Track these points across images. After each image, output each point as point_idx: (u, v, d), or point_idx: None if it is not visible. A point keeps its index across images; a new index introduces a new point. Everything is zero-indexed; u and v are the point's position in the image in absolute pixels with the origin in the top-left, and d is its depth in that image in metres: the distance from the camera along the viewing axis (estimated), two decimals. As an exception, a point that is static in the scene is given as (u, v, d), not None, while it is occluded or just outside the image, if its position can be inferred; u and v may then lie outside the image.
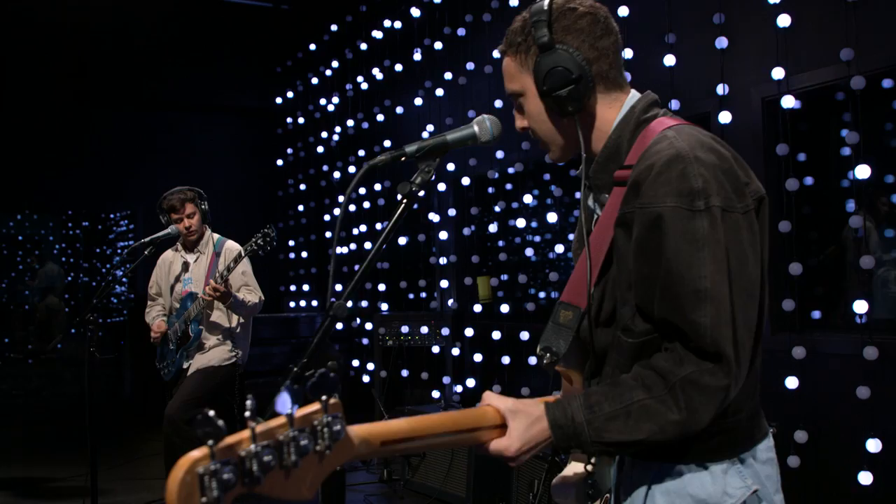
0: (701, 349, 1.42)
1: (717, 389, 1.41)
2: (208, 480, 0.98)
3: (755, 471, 1.55)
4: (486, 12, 6.29)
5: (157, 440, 8.05)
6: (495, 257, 6.57)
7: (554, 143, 1.68)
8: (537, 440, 1.46)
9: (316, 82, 9.49)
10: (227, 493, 1.00)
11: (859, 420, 3.73)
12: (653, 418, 1.42)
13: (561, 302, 1.66)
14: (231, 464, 1.00)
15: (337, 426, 1.13)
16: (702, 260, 1.42)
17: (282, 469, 1.07)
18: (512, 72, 1.67)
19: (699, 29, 4.70)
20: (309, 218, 9.99)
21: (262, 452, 1.03)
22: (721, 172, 1.46)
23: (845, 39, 3.92)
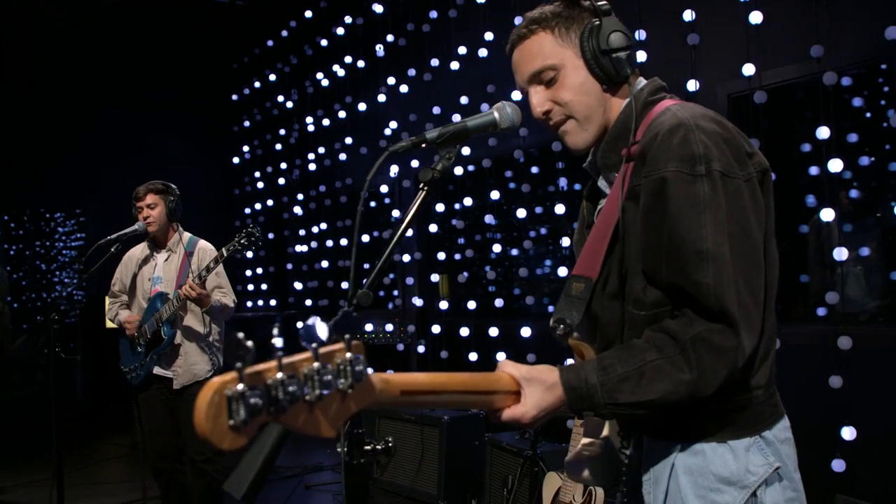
0: (707, 310, 1.44)
1: (726, 350, 1.43)
2: (236, 403, 0.99)
3: (776, 448, 1.56)
4: (451, 8, 6.28)
5: (113, 444, 7.91)
6: (462, 254, 6.57)
7: (588, 119, 1.66)
8: (551, 404, 1.47)
9: (274, 79, 9.38)
10: (254, 417, 1.00)
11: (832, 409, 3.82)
12: (665, 378, 1.43)
13: (573, 275, 1.67)
14: (258, 389, 1.01)
15: (359, 366, 1.13)
16: (702, 222, 1.45)
17: (305, 402, 1.07)
18: (545, 47, 1.65)
19: (669, 25, 4.75)
20: (267, 216, 9.87)
21: (287, 382, 1.03)
22: (722, 140, 1.50)
23: (815, 37, 4.00)
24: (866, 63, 4.15)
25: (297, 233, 9.22)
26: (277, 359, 1.04)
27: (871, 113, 4.66)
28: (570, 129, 1.68)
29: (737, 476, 1.52)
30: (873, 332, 4.24)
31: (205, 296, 4.26)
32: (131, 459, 7.08)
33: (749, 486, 1.52)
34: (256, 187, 9.97)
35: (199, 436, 1.02)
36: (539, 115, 1.68)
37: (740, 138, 1.55)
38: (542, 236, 6.70)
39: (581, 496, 3.59)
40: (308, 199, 8.92)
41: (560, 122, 1.68)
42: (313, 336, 1.08)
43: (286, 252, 9.67)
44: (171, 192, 4.59)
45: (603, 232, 1.61)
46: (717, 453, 1.54)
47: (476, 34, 6.01)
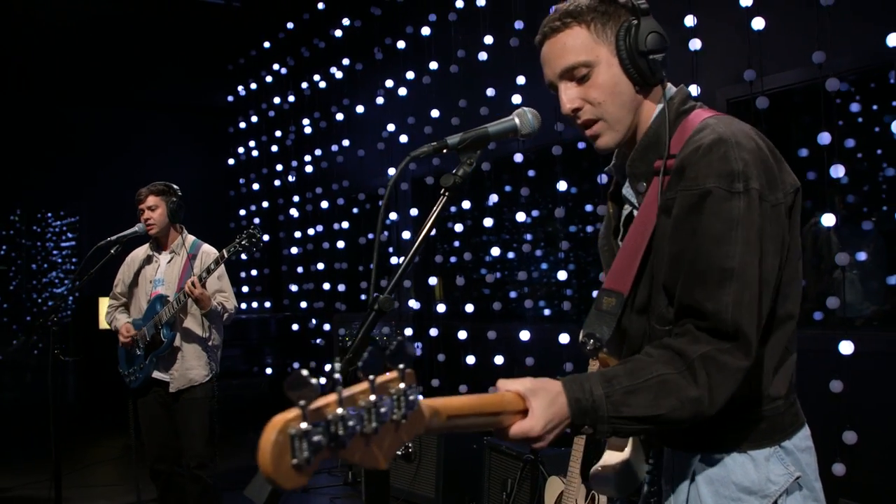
0: (716, 329, 1.43)
1: (735, 370, 1.42)
2: (299, 442, 0.97)
3: (796, 458, 1.56)
4: (451, 11, 6.28)
5: (106, 446, 7.87)
6: (459, 257, 6.57)
7: (619, 121, 1.63)
8: (560, 417, 1.41)
9: (270, 80, 9.36)
10: (317, 454, 0.99)
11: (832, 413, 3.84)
12: (672, 393, 1.41)
13: (604, 289, 1.65)
14: (321, 426, 0.99)
15: (412, 395, 1.12)
16: (733, 239, 1.44)
17: (363, 436, 1.06)
18: (580, 42, 1.60)
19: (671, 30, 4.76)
20: (262, 218, 9.85)
21: (347, 417, 1.02)
22: (760, 161, 1.50)
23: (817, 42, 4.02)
24: (867, 69, 4.18)
25: (292, 235, 9.21)
26: (338, 393, 1.02)
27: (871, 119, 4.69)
28: (600, 130, 1.64)
29: (758, 485, 1.53)
30: (873, 337, 4.26)
31: (206, 297, 4.24)
32: (125, 462, 7.05)
33: (770, 495, 1.52)
34: (252, 189, 9.94)
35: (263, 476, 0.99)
36: (568, 111, 1.64)
37: (773, 160, 1.54)
38: (540, 239, 6.70)
39: (584, 501, 3.59)
40: (304, 201, 8.91)
41: (589, 121, 1.64)
42: (371, 367, 1.07)
43: (281, 254, 9.65)
44: (172, 193, 4.56)
45: (635, 246, 1.60)
46: (738, 463, 1.54)
47: (475, 37, 6.01)
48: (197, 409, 4.39)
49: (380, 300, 1.52)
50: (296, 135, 8.91)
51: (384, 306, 1.52)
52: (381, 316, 1.53)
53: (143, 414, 4.54)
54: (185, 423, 4.41)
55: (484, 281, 6.18)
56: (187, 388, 4.41)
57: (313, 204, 8.66)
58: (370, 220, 8.30)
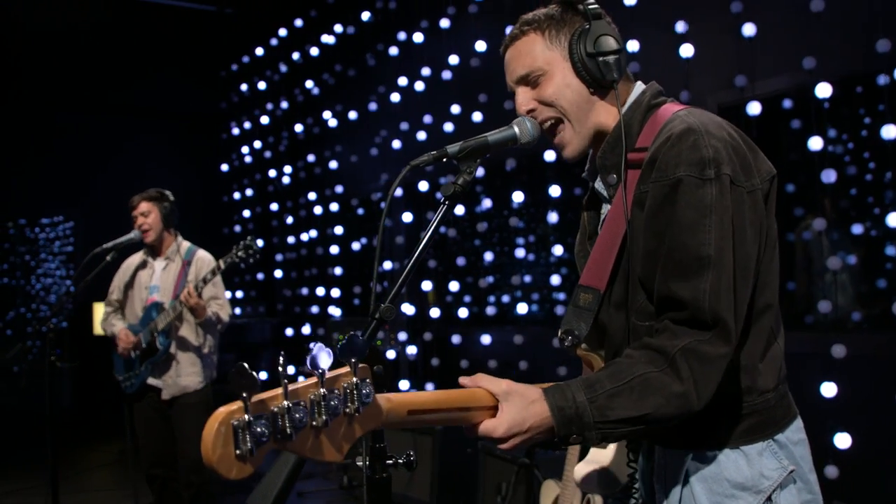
0: (695, 319, 1.42)
1: (717, 358, 1.41)
2: (242, 433, 1.00)
3: (790, 451, 1.56)
4: (443, 17, 6.31)
5: (102, 451, 7.86)
6: (453, 261, 6.59)
7: (578, 120, 1.66)
8: (531, 423, 1.41)
9: (263, 87, 9.37)
10: (260, 446, 1.01)
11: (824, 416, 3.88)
12: (657, 391, 1.40)
13: (580, 285, 1.66)
14: (264, 418, 1.02)
15: (365, 390, 1.15)
16: (707, 227, 1.44)
17: (312, 428, 1.08)
18: (535, 48, 1.66)
19: (662, 36, 4.81)
20: (255, 223, 9.85)
21: (293, 409, 1.05)
22: (731, 148, 1.50)
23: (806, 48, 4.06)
24: (857, 75, 4.22)
25: (286, 240, 9.22)
26: (283, 386, 1.05)
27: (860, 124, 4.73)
28: (565, 135, 1.68)
29: (751, 481, 1.52)
30: (864, 340, 4.30)
31: (201, 307, 4.26)
32: (121, 467, 7.04)
33: (764, 490, 1.52)
34: (246, 194, 9.95)
35: (205, 465, 1.02)
36: (523, 112, 1.68)
37: (746, 147, 1.55)
38: (533, 244, 6.73)
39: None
40: (297, 206, 8.92)
41: (551, 123, 1.68)
42: (318, 362, 1.09)
43: (275, 259, 9.66)
44: (165, 198, 4.58)
45: (610, 241, 1.61)
46: (731, 459, 1.53)
47: (467, 44, 6.04)
48: (192, 415, 4.40)
49: (381, 309, 1.52)
50: (289, 140, 8.93)
51: (385, 315, 1.52)
52: (382, 325, 1.54)
53: (138, 419, 4.55)
54: (180, 429, 4.42)
55: (477, 285, 6.20)
56: (181, 394, 4.43)
57: (307, 209, 8.67)
58: (364, 226, 8.32)
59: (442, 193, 1.61)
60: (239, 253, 4.25)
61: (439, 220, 1.60)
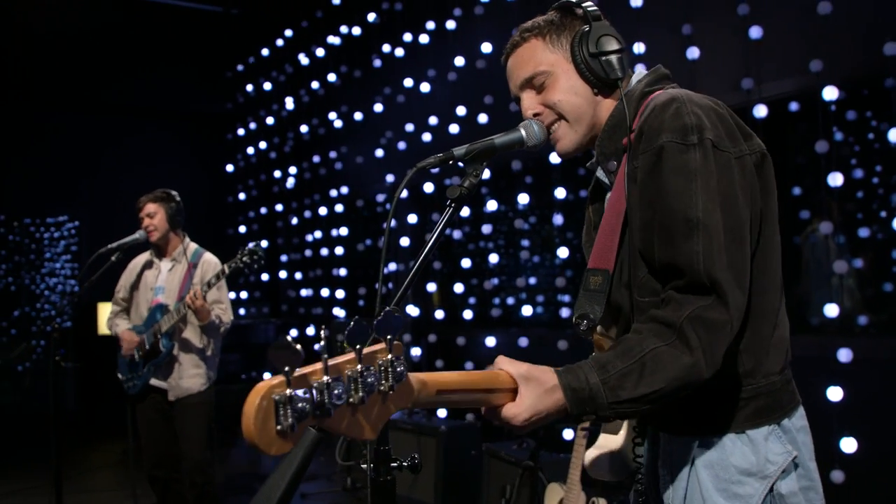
0: (695, 283, 1.42)
1: (722, 324, 1.40)
2: (283, 408, 0.98)
3: (793, 437, 1.56)
4: (449, 19, 6.31)
5: (105, 451, 7.87)
6: (457, 263, 6.58)
7: (578, 119, 1.68)
8: (549, 409, 1.41)
9: (269, 87, 9.38)
10: (301, 422, 1.00)
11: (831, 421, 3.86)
12: (668, 365, 1.40)
13: (589, 269, 1.66)
14: (305, 393, 1.01)
15: (400, 367, 1.14)
16: (693, 190, 1.44)
17: (349, 405, 1.07)
18: (537, 53, 1.69)
19: (668, 38, 4.80)
20: (260, 224, 9.86)
21: (333, 385, 1.04)
22: (715, 115, 1.51)
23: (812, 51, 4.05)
24: (865, 78, 4.21)
25: (291, 241, 9.22)
26: (323, 361, 1.04)
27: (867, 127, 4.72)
28: (561, 132, 1.70)
29: (757, 467, 1.52)
30: (871, 344, 4.28)
31: (205, 310, 4.26)
32: (124, 467, 7.05)
33: (769, 475, 1.52)
34: (251, 195, 9.96)
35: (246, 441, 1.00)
36: (529, 116, 1.70)
37: (732, 121, 1.55)
38: (539, 246, 6.73)
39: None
40: (302, 207, 8.92)
41: (551, 123, 1.70)
42: (357, 337, 1.08)
43: (280, 260, 9.66)
44: (171, 199, 4.58)
45: (613, 222, 1.61)
46: (737, 445, 1.54)
47: (474, 45, 6.04)
48: (194, 416, 4.40)
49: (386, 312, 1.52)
50: (294, 141, 8.93)
51: (391, 318, 1.52)
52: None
53: (141, 420, 4.55)
54: (182, 430, 4.42)
55: (482, 287, 6.19)
56: (185, 395, 4.43)
57: (312, 210, 8.67)
58: (368, 227, 8.32)
59: (448, 196, 1.62)
60: (244, 258, 4.25)
61: (445, 222, 1.61)
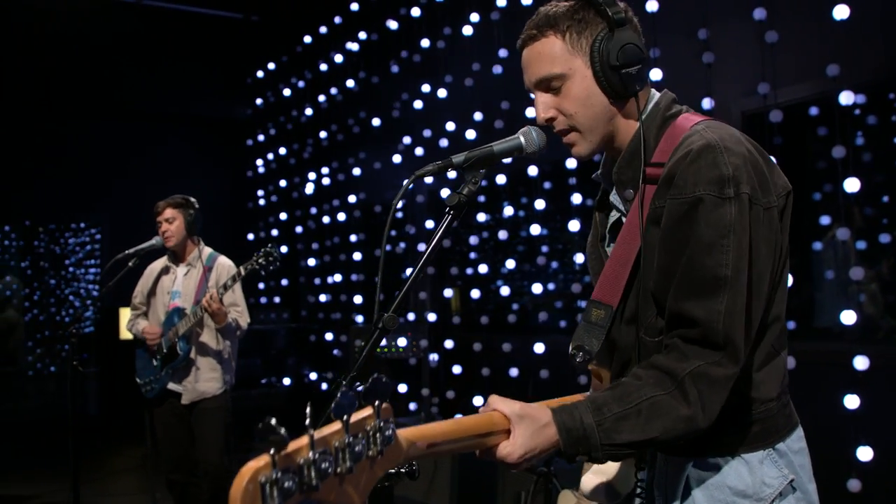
0: (706, 339, 1.42)
1: (725, 379, 1.42)
2: (269, 489, 0.99)
3: (790, 460, 1.55)
4: (466, 25, 6.31)
5: (126, 455, 7.93)
6: (474, 269, 6.58)
7: (593, 131, 1.63)
8: (542, 446, 1.41)
9: (288, 94, 9.43)
10: (287, 500, 1.01)
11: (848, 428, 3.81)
12: (665, 415, 1.41)
13: (592, 300, 1.65)
14: (291, 472, 1.02)
15: (388, 431, 1.14)
16: (726, 247, 1.42)
17: (336, 476, 1.07)
18: (556, 53, 1.59)
19: (684, 43, 4.77)
20: (280, 230, 9.91)
21: (319, 460, 1.04)
22: (751, 164, 1.48)
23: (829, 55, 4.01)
24: (881, 82, 4.16)
25: (310, 246, 9.26)
26: (310, 437, 1.04)
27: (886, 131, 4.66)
28: (574, 139, 1.65)
29: (752, 489, 1.51)
30: (890, 351, 4.23)
31: (222, 312, 4.28)
32: (144, 472, 7.10)
33: (765, 498, 1.51)
34: (271, 200, 10.01)
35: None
36: (542, 121, 1.65)
37: (763, 163, 1.51)
38: (555, 252, 6.71)
39: (596, 514, 3.58)
40: (321, 212, 8.96)
41: (563, 131, 1.65)
42: (344, 409, 1.09)
43: (299, 265, 9.70)
44: (190, 205, 4.60)
45: (624, 257, 1.59)
46: (732, 467, 1.53)
47: (490, 51, 6.04)
48: (211, 420, 4.43)
49: (384, 318, 1.53)
50: (313, 147, 8.97)
51: (388, 324, 1.53)
52: (385, 334, 1.55)
53: (158, 424, 4.59)
54: (199, 434, 4.45)
55: (499, 293, 6.17)
56: (200, 399, 4.45)
57: (330, 216, 8.71)
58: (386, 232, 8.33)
59: (447, 203, 1.61)
60: (259, 260, 4.27)
61: (444, 230, 1.61)
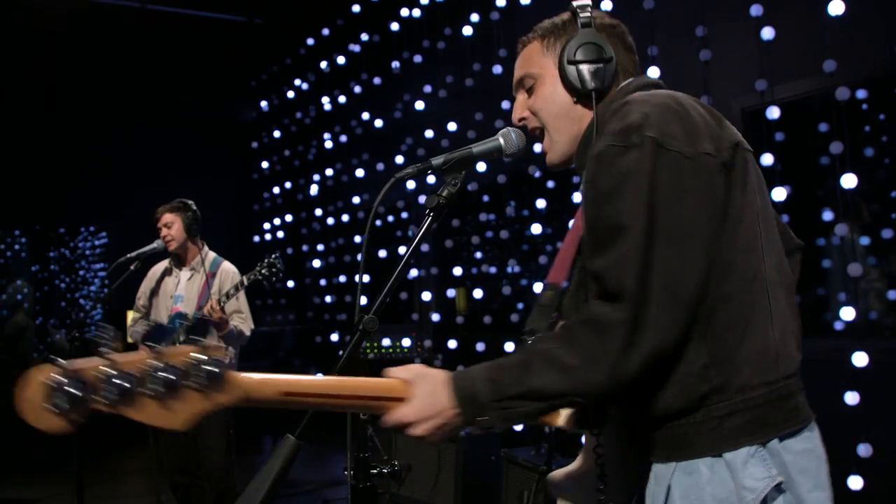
0: (604, 290, 1.35)
1: (614, 325, 1.31)
2: (54, 390, 1.13)
3: (782, 461, 1.40)
4: (466, 25, 6.32)
5: (136, 457, 7.96)
6: (478, 269, 6.59)
7: (558, 131, 1.62)
8: (439, 407, 1.37)
9: (292, 96, 9.47)
10: (77, 406, 1.15)
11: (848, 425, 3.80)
12: (551, 364, 1.34)
13: (545, 283, 1.66)
14: (80, 381, 1.15)
15: (212, 367, 1.22)
16: (624, 193, 1.36)
17: (149, 397, 1.19)
18: (533, 55, 1.65)
19: (682, 41, 4.77)
20: (285, 231, 9.94)
21: (114, 376, 1.17)
22: (671, 113, 1.41)
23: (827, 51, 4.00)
24: (879, 78, 4.15)
25: (315, 248, 9.29)
26: (103, 354, 1.18)
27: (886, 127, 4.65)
28: (546, 146, 1.66)
29: (735, 495, 1.38)
30: (891, 347, 4.22)
31: (224, 321, 4.30)
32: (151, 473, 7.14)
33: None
34: (276, 202, 10.05)
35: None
36: (515, 120, 1.67)
37: (701, 116, 1.44)
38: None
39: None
40: (326, 214, 9.00)
41: (536, 131, 1.67)
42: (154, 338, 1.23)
43: (305, 266, 9.74)
44: (188, 209, 4.63)
45: (573, 238, 1.61)
46: (714, 470, 1.40)
47: (490, 51, 6.05)
48: (213, 423, 4.45)
49: (364, 320, 1.54)
50: (317, 149, 9.00)
51: (368, 326, 1.54)
52: (366, 336, 1.56)
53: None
54: (202, 437, 4.47)
55: (501, 293, 6.18)
56: None
57: (335, 217, 8.73)
58: (389, 234, 8.35)
59: (426, 205, 1.63)
60: (262, 271, 4.30)
61: (424, 232, 1.61)
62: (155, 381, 1.19)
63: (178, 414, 1.22)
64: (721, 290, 1.41)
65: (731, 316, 1.41)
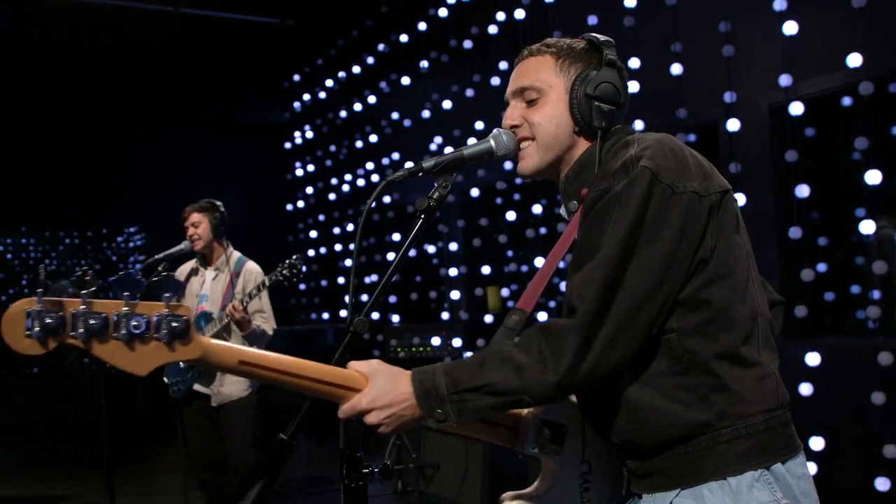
0: (567, 303, 1.43)
1: (564, 331, 1.39)
2: (31, 320, 1.26)
3: (788, 484, 1.43)
4: (491, 24, 6.32)
5: (168, 455, 8.08)
6: (507, 267, 6.58)
7: (549, 149, 1.65)
8: (392, 397, 1.44)
9: (323, 96, 9.54)
10: (51, 337, 1.27)
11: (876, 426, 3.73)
12: (506, 363, 1.42)
13: (513, 307, 1.69)
14: (56, 314, 1.27)
15: (177, 324, 1.33)
16: (609, 218, 1.43)
17: (118, 341, 1.30)
18: (542, 70, 1.66)
19: (705, 37, 4.71)
20: (318, 231, 10.02)
21: (88, 315, 1.29)
22: (667, 149, 1.48)
23: (852, 45, 3.94)
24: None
25: (348, 247, 9.36)
26: (82, 297, 1.29)
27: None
28: (528, 151, 1.67)
29: None
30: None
31: (246, 321, 4.34)
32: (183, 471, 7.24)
33: None
34: (309, 202, 10.13)
35: None
36: (507, 125, 1.68)
37: (692, 157, 1.51)
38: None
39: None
40: (357, 214, 9.06)
41: (524, 138, 1.67)
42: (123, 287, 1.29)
43: (338, 266, 9.81)
44: (215, 209, 4.68)
45: (549, 267, 1.64)
46: (717, 495, 1.42)
47: (515, 49, 6.03)
48: (239, 420, 4.50)
49: (355, 322, 1.56)
50: (348, 149, 9.06)
51: (359, 328, 1.56)
52: (357, 338, 1.57)
53: (187, 424, 4.68)
54: (228, 434, 4.53)
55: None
56: (227, 402, 4.54)
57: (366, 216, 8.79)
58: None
59: (416, 207, 1.63)
60: (284, 272, 4.33)
61: (416, 234, 1.62)
62: (125, 328, 1.30)
63: (142, 361, 1.33)
64: (712, 329, 1.46)
65: (726, 344, 1.46)
